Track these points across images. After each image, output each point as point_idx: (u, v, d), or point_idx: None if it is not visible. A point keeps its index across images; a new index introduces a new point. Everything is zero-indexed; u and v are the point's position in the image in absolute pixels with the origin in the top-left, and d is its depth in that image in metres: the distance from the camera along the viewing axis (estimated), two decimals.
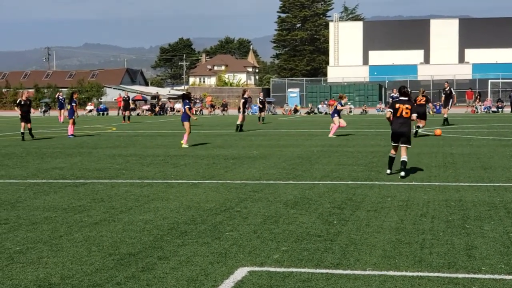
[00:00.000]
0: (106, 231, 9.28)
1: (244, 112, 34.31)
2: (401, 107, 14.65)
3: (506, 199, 11.60)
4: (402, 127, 14.66)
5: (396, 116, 14.69)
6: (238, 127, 33.47)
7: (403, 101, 14.77)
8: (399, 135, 14.70)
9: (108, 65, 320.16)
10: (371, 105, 76.57)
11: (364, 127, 36.81)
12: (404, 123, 14.67)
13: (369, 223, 9.59)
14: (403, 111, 14.62)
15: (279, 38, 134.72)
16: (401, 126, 14.66)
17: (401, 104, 14.71)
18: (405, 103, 14.72)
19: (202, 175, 15.43)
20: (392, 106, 14.91)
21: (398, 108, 14.67)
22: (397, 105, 14.73)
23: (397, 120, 14.68)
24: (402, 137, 14.70)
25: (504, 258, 7.55)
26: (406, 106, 14.64)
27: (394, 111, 14.73)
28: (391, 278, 6.84)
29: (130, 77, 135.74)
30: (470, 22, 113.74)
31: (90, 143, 26.40)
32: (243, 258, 7.71)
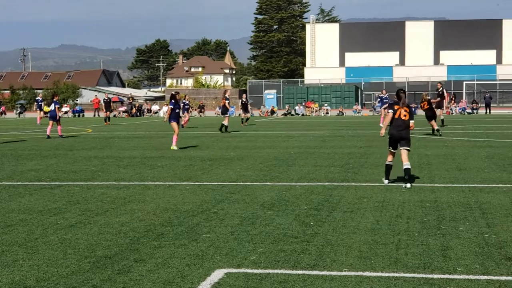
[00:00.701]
0: (82, 233, 9.23)
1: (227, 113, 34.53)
2: (400, 109, 13.80)
3: (481, 200, 11.70)
4: (402, 131, 13.79)
5: (394, 118, 13.84)
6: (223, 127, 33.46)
7: (399, 103, 13.89)
8: (399, 138, 13.85)
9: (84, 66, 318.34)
10: (347, 106, 76.87)
11: (341, 129, 36.96)
12: (403, 126, 13.78)
13: (346, 224, 9.63)
14: (401, 114, 13.77)
15: (256, 40, 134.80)
16: (400, 129, 13.79)
17: (398, 106, 13.86)
18: (403, 105, 13.84)
19: (179, 177, 15.41)
20: (392, 107, 14.00)
21: (397, 110, 13.83)
22: (396, 107, 13.87)
23: (396, 122, 13.83)
24: (402, 140, 13.84)
25: (479, 259, 7.61)
26: (405, 109, 13.80)
27: (393, 113, 13.86)
28: (367, 279, 6.87)
29: (107, 78, 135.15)
30: (445, 24, 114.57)
31: (66, 145, 26.24)
32: (220, 259, 7.71)
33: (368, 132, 32.54)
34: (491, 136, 28.27)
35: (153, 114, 71.76)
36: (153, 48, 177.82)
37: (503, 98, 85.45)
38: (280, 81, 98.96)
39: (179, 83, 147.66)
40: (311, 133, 32.52)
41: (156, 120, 55.00)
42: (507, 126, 36.85)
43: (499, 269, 7.19)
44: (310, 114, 67.82)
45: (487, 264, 7.37)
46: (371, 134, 31.13)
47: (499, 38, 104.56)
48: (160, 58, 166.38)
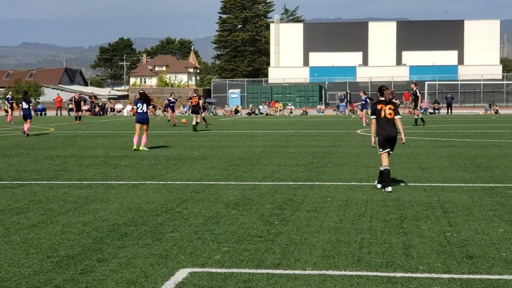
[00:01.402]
0: (44, 233, 9.15)
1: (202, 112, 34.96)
2: (383, 107, 13.06)
3: (443, 198, 11.83)
4: (390, 130, 13.01)
5: (380, 118, 13.05)
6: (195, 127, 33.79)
7: (383, 101, 13.14)
8: (392, 139, 13.08)
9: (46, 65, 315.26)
10: (311, 106, 77.19)
11: (305, 128, 37.09)
12: (390, 124, 13.02)
13: (309, 223, 9.67)
14: (386, 112, 13.03)
15: (220, 39, 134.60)
16: (388, 128, 13.00)
17: (383, 104, 13.10)
18: (386, 103, 13.10)
19: (143, 176, 15.33)
20: (373, 109, 13.26)
21: (381, 110, 13.06)
22: (379, 106, 13.10)
23: (382, 123, 13.04)
24: (393, 141, 13.11)
25: (440, 257, 7.70)
26: (389, 107, 13.06)
27: (377, 113, 13.08)
28: (331, 278, 6.91)
29: (69, 76, 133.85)
30: (408, 25, 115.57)
31: (28, 143, 25.95)
32: (184, 259, 7.69)
33: (331, 132, 32.72)
34: (453, 136, 28.60)
35: (116, 113, 71.27)
36: (116, 46, 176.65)
37: (464, 99, 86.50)
38: (244, 80, 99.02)
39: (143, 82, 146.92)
40: (275, 133, 32.60)
41: (119, 119, 54.67)
42: (468, 126, 37.33)
43: (460, 267, 7.28)
44: (274, 114, 67.96)
45: (448, 263, 7.46)
46: (335, 133, 31.31)
47: (461, 39, 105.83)
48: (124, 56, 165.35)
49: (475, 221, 9.81)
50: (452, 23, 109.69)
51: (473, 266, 7.33)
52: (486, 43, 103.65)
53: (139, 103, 22.23)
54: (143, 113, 22.22)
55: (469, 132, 31.19)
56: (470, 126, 37.81)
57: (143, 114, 22.21)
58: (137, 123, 22.30)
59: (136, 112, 22.46)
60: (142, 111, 22.18)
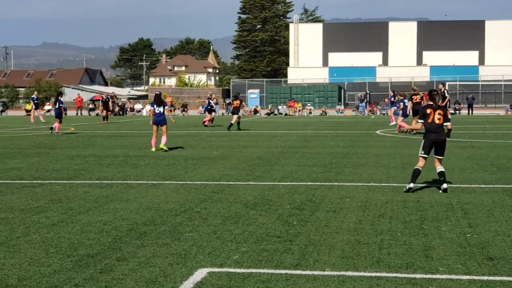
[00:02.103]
0: (64, 232, 9.19)
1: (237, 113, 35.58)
2: (432, 112, 13.00)
3: (463, 200, 11.76)
4: (440, 135, 12.98)
5: (428, 122, 12.99)
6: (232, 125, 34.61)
7: (432, 106, 13.06)
8: (439, 144, 13.00)
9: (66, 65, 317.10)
10: (330, 106, 77.02)
11: (324, 128, 37.02)
12: (439, 129, 12.97)
13: (328, 224, 9.64)
14: (435, 117, 12.95)
15: (239, 39, 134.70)
16: (437, 133, 12.95)
17: (432, 109, 13.03)
18: (436, 108, 13.01)
19: (162, 176, 15.37)
20: (423, 113, 13.18)
21: (429, 114, 13.02)
22: (428, 110, 13.06)
23: (431, 127, 12.96)
24: (438, 146, 13.02)
25: (461, 259, 7.65)
26: (438, 112, 12.99)
27: (426, 118, 13.04)
28: (350, 279, 6.89)
29: (89, 77, 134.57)
30: (428, 25, 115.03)
31: (48, 143, 26.11)
32: (202, 259, 7.70)
33: (350, 132, 32.63)
34: (474, 136, 28.43)
35: (136, 113, 71.52)
36: (136, 46, 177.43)
37: (485, 99, 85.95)
38: (264, 80, 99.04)
39: (162, 82, 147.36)
40: (294, 133, 32.56)
41: (139, 119, 54.86)
42: (489, 127, 37.08)
43: (480, 269, 7.23)
44: (293, 114, 67.89)
45: (469, 264, 7.41)
46: (354, 134, 31.22)
47: (482, 39, 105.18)
48: (143, 56, 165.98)
49: (496, 222, 9.74)
50: (473, 23, 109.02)
51: (494, 267, 7.28)
52: (507, 43, 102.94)
53: (155, 105, 22.26)
54: (160, 115, 22.20)
55: (490, 133, 30.99)
56: (491, 126, 37.56)
57: (159, 115, 22.19)
58: (154, 125, 22.32)
59: (154, 114, 22.42)
60: (159, 112, 22.18)
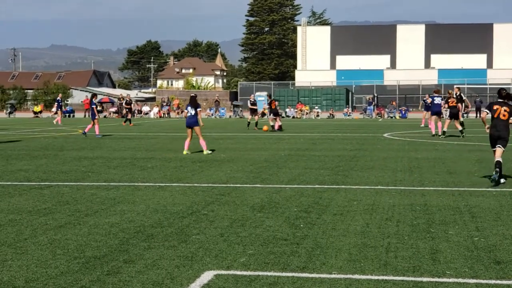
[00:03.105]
0: (71, 234, 9.20)
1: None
2: (499, 108, 14.30)
3: (471, 203, 11.73)
4: (500, 131, 14.26)
5: (493, 117, 14.34)
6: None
7: (501, 103, 14.39)
8: (497, 138, 14.32)
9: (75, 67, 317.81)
10: (338, 109, 76.99)
11: (331, 131, 37.01)
12: (502, 125, 14.27)
13: (335, 227, 9.63)
14: (500, 113, 14.25)
15: (247, 42, 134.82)
16: (499, 128, 14.27)
17: (499, 105, 14.35)
18: (503, 105, 14.34)
19: (169, 178, 15.38)
20: (490, 107, 14.55)
21: (496, 110, 14.30)
22: (495, 107, 14.37)
23: (495, 122, 14.32)
24: (500, 139, 14.29)
25: (468, 262, 7.63)
26: (504, 109, 14.27)
27: (492, 112, 14.39)
28: (357, 282, 6.88)
29: (97, 79, 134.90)
30: (436, 28, 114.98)
31: (56, 145, 26.16)
32: (209, 261, 7.70)
33: (358, 135, 32.60)
34: (482, 140, 28.33)
35: (143, 115, 71.63)
36: (144, 49, 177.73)
37: None
38: (271, 83, 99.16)
39: (170, 84, 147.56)
40: (301, 136, 32.55)
41: (146, 121, 54.96)
42: None
43: (488, 272, 7.21)
44: (300, 117, 67.87)
45: (476, 268, 7.39)
46: (362, 137, 31.18)
47: (490, 42, 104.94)
48: (151, 59, 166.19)
49: (503, 226, 9.71)
50: (481, 26, 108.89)
51: (501, 271, 7.25)
52: None
53: (189, 107, 21.90)
54: (192, 117, 21.91)
55: None
56: None
57: (191, 117, 21.90)
58: (187, 127, 22.04)
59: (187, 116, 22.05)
60: (190, 115, 21.89)
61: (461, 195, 12.73)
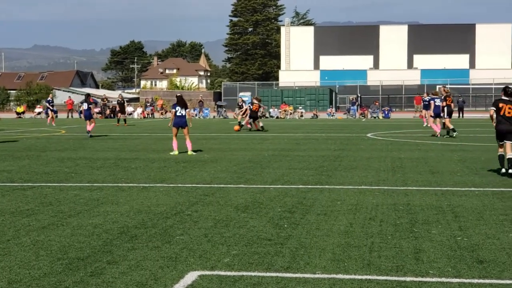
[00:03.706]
0: (54, 235, 9.17)
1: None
2: (504, 106, 15.21)
3: (454, 203, 11.79)
4: (507, 126, 15.17)
5: (499, 114, 15.28)
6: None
7: (505, 101, 15.28)
8: (505, 133, 15.19)
9: (58, 67, 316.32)
10: (321, 109, 77.05)
11: (315, 131, 37.06)
12: (508, 121, 15.17)
13: (319, 227, 9.65)
14: (505, 110, 15.17)
15: (231, 42, 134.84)
16: (506, 124, 15.18)
17: (504, 103, 15.25)
18: (507, 103, 15.22)
19: (153, 179, 15.35)
20: (496, 105, 15.44)
21: (502, 108, 15.23)
22: (501, 104, 15.28)
23: (501, 118, 15.25)
24: (509, 134, 15.14)
25: (451, 262, 7.67)
26: (509, 106, 15.16)
27: (497, 109, 15.31)
28: (340, 281, 6.90)
29: (80, 79, 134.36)
30: (419, 29, 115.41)
31: (39, 146, 26.04)
32: (193, 262, 7.69)
33: (342, 135, 32.68)
34: (464, 140, 28.50)
35: (127, 115, 71.39)
36: (127, 49, 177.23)
37: (476, 102, 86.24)
38: (255, 83, 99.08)
39: (154, 84, 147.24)
40: (285, 136, 32.58)
41: (130, 122, 54.77)
42: (480, 130, 37.20)
43: (471, 272, 7.25)
44: (284, 117, 67.94)
45: (459, 267, 7.43)
46: (345, 137, 31.26)
47: (472, 43, 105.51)
48: (135, 59, 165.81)
49: (486, 225, 9.77)
50: (464, 27, 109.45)
51: (484, 270, 7.30)
52: (498, 47, 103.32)
53: (178, 107, 21.78)
54: (181, 117, 21.84)
55: (480, 136, 31.07)
56: (482, 130, 37.67)
57: (181, 117, 21.84)
58: (175, 127, 21.92)
59: (175, 116, 21.92)
60: (180, 115, 21.78)
61: (444, 194, 12.79)
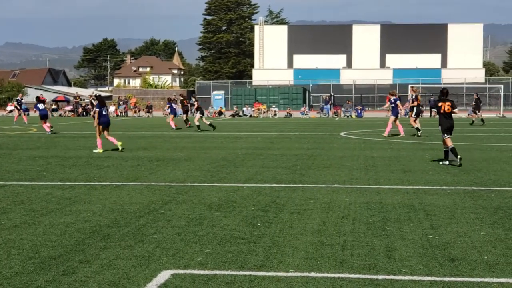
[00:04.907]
0: (26, 234, 9.10)
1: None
2: (443, 104, 17.64)
3: (425, 201, 11.88)
4: (450, 120, 17.69)
5: (440, 112, 17.65)
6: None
7: (443, 100, 17.71)
8: (450, 127, 17.68)
9: (30, 65, 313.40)
10: (295, 108, 77.26)
11: (289, 130, 37.13)
12: (449, 116, 17.70)
13: (292, 225, 9.68)
14: (445, 108, 17.59)
15: (204, 41, 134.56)
16: (449, 119, 17.67)
17: (443, 102, 17.68)
18: (445, 101, 17.67)
19: (126, 177, 15.29)
20: (435, 105, 17.92)
21: (441, 106, 17.64)
22: (440, 104, 17.72)
23: (444, 115, 17.64)
24: (452, 128, 17.83)
25: (423, 260, 7.73)
26: (447, 104, 17.64)
27: (438, 108, 17.71)
28: (313, 280, 6.92)
29: (52, 77, 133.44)
30: (391, 28, 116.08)
31: (10, 144, 25.80)
32: (166, 261, 7.68)
33: (315, 134, 32.77)
34: (435, 139, 28.70)
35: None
36: (100, 47, 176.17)
37: None
38: (228, 82, 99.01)
39: (127, 83, 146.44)
40: (259, 134, 32.61)
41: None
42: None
43: (442, 270, 7.31)
44: (258, 116, 67.98)
45: (431, 265, 7.49)
46: (319, 136, 31.36)
47: (444, 42, 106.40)
48: (108, 57, 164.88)
49: (457, 224, 9.86)
50: (436, 27, 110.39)
51: (455, 268, 7.36)
52: (469, 46, 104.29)
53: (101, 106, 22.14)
54: (106, 116, 22.30)
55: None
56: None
57: (106, 116, 22.24)
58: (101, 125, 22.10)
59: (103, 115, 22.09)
60: (105, 114, 22.17)
61: (416, 193, 12.88)
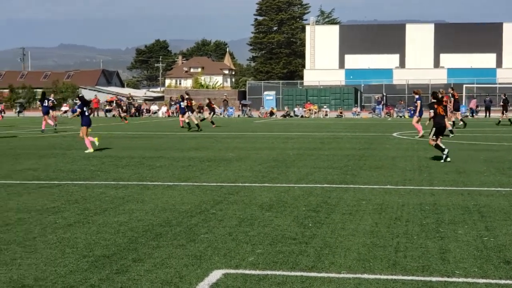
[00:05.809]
0: (80, 232, 9.22)
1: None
2: (438, 107, 18.91)
3: (480, 203, 11.69)
4: (443, 121, 18.92)
5: (436, 114, 18.83)
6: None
7: (438, 103, 18.95)
8: (443, 128, 18.95)
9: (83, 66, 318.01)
10: (346, 108, 76.81)
11: (340, 131, 36.95)
12: (443, 118, 18.99)
13: (344, 226, 9.62)
14: (440, 110, 18.87)
15: (255, 41, 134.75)
16: (442, 121, 18.88)
17: (437, 105, 18.91)
18: (439, 104, 18.96)
19: (178, 177, 15.39)
20: (432, 107, 19.03)
21: (437, 108, 18.84)
22: (435, 106, 18.89)
23: (438, 117, 18.82)
24: (444, 129, 19.14)
25: (477, 262, 7.61)
26: (441, 106, 18.96)
27: (434, 110, 18.86)
28: (366, 281, 6.86)
29: (106, 78, 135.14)
30: (445, 27, 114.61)
31: (64, 144, 26.22)
32: (218, 260, 7.69)
33: (367, 134, 32.54)
34: (490, 139, 28.27)
35: (152, 114, 71.71)
36: (152, 48, 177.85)
37: None
38: (280, 82, 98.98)
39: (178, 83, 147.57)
40: (310, 135, 32.52)
41: (154, 120, 55.02)
42: (506, 130, 36.87)
43: (497, 272, 7.19)
44: (309, 116, 67.81)
45: (485, 267, 7.37)
46: (371, 136, 31.14)
47: (499, 41, 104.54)
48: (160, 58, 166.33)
49: None
50: (491, 26, 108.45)
51: (511, 271, 7.23)
52: None
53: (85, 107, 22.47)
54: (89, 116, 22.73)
55: (507, 136, 30.81)
56: (508, 129, 37.34)
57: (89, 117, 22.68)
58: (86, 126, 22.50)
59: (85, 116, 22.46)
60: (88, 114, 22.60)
61: (470, 194, 12.69)
